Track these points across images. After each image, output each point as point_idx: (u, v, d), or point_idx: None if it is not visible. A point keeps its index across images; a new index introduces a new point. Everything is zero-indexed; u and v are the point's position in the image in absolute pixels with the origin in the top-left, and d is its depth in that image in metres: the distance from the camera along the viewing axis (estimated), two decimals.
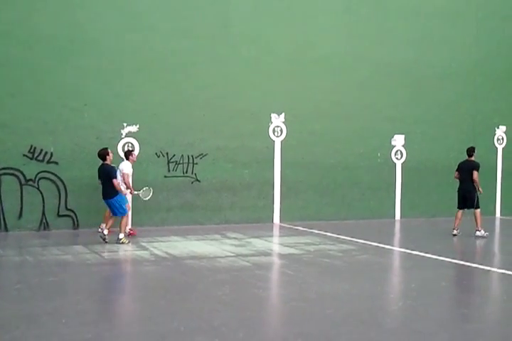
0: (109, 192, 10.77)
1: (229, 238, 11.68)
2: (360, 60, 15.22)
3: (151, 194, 11.68)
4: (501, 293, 7.57)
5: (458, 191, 12.59)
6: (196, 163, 13.60)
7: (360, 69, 15.23)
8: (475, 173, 12.18)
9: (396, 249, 10.87)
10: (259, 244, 10.96)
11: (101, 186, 11.03)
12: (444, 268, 8.92)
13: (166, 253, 9.73)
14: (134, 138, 12.99)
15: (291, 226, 13.72)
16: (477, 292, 7.67)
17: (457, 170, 12.63)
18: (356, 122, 15.20)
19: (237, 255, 9.56)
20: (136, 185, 11.90)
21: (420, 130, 15.97)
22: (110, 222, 10.85)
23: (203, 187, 13.70)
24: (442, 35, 16.25)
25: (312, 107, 14.72)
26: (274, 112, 14.39)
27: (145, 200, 11.73)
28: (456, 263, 9.23)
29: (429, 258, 9.56)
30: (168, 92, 13.31)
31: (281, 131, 14.48)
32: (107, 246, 10.38)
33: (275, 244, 11.46)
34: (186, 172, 13.53)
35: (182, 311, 6.22)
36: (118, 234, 10.67)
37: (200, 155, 13.58)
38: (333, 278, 8.00)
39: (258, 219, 14.18)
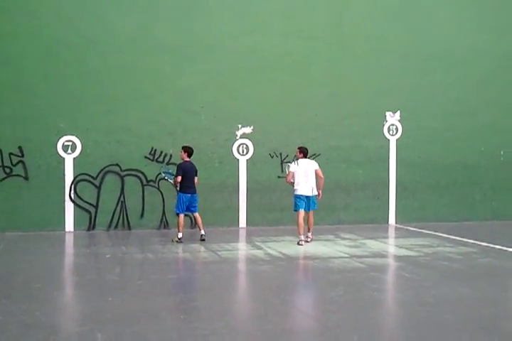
0: (195, 187, 11.07)
1: (343, 239, 11.58)
2: (482, 53, 14.47)
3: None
4: None
5: None
6: None
7: (481, 64, 14.49)
8: None
9: None
10: (373, 245, 10.76)
11: (184, 182, 10.94)
12: None
13: (280, 252, 9.81)
14: (248, 139, 13.23)
15: (408, 228, 13.35)
16: None
17: None
18: (476, 119, 14.49)
19: (352, 256, 9.45)
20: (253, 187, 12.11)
21: None
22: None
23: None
24: None
25: (429, 104, 14.23)
26: (388, 110, 14.08)
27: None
28: None
29: None
30: (281, 93, 13.42)
31: (397, 129, 14.13)
32: (223, 244, 10.64)
33: (390, 246, 11.21)
34: None
35: (296, 311, 6.24)
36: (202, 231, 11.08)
37: (313, 155, 13.51)
38: (452, 281, 7.68)
39: (373, 220, 13.92)
